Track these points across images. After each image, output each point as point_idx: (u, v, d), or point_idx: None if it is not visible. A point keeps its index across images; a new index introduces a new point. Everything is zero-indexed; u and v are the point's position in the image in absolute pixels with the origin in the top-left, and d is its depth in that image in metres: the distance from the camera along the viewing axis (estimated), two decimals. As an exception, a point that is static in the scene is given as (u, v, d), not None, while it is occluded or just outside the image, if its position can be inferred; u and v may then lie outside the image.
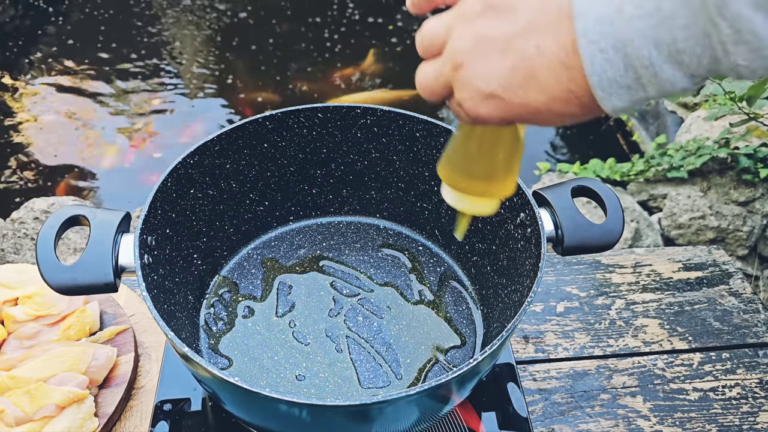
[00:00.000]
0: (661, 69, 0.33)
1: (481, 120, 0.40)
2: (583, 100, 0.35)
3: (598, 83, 0.34)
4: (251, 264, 0.79)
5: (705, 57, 0.31)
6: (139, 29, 2.87)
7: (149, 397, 0.71)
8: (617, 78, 0.33)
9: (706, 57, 0.31)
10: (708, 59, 0.32)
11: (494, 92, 0.37)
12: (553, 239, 0.62)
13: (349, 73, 2.65)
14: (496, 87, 0.37)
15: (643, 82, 0.33)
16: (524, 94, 0.36)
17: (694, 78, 0.33)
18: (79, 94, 2.50)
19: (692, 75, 0.33)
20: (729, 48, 0.30)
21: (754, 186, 1.70)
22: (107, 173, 2.20)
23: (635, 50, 0.32)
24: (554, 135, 2.47)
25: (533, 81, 0.36)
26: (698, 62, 0.32)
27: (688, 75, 0.33)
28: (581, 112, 0.37)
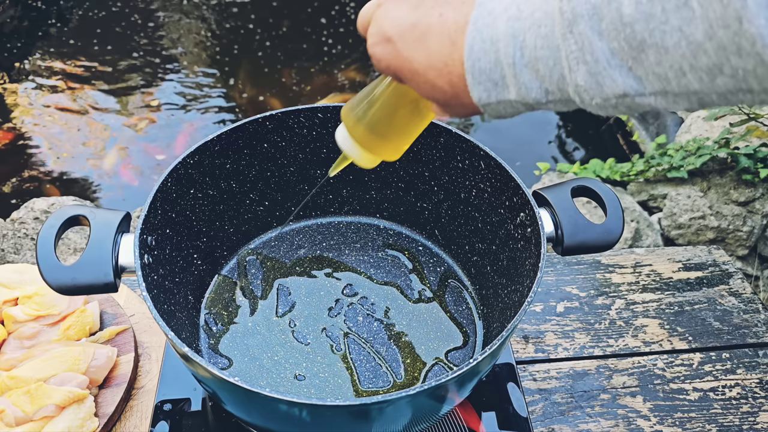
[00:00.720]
0: (521, 72, 0.35)
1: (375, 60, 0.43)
2: (453, 78, 0.38)
3: (471, 69, 0.37)
4: (251, 264, 0.79)
5: (555, 71, 0.34)
6: (139, 29, 2.87)
7: (149, 397, 0.71)
8: (487, 69, 0.36)
9: (556, 71, 0.34)
10: (557, 74, 0.34)
11: (391, 37, 0.41)
12: (553, 239, 0.62)
13: (352, 76, 2.65)
14: (395, 33, 0.40)
15: (506, 81, 0.36)
16: (413, 49, 0.40)
17: (548, 93, 0.35)
18: (79, 94, 2.50)
19: (546, 89, 0.35)
20: (572, 65, 0.32)
21: (754, 186, 1.70)
22: (107, 173, 2.20)
23: (505, 47, 0.35)
24: (555, 135, 2.48)
25: (424, 42, 0.39)
26: (550, 75, 0.34)
27: (542, 87, 0.35)
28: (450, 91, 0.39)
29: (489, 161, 0.68)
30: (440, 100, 0.41)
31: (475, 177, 0.72)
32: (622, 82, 0.31)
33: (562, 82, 0.34)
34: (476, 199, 0.73)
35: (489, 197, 0.71)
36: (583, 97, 0.33)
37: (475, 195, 0.73)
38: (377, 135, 0.50)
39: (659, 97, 0.31)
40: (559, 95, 0.35)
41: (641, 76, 0.31)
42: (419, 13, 0.39)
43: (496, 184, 0.69)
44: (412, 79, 0.41)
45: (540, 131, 2.47)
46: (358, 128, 0.50)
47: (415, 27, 0.39)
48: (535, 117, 2.53)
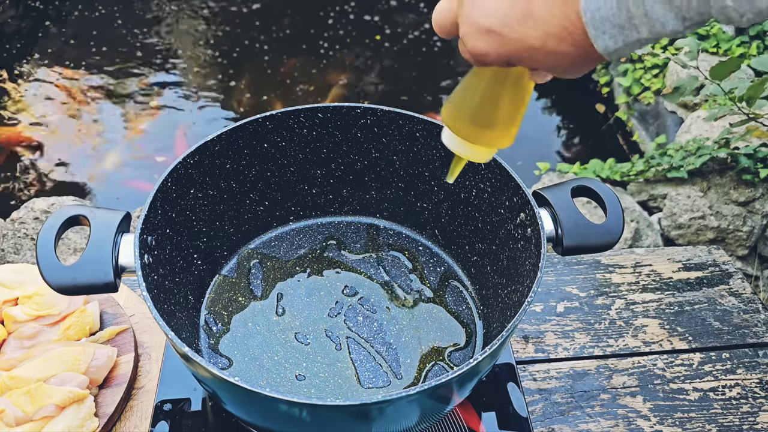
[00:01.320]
0: (652, 9, 0.33)
1: (480, 56, 0.41)
2: (576, 37, 0.36)
3: (591, 20, 0.35)
4: (251, 264, 0.79)
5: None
6: (139, 29, 2.87)
7: (149, 397, 0.71)
8: (610, 16, 0.34)
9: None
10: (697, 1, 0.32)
11: (492, 27, 0.39)
12: (553, 239, 0.62)
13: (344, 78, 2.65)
14: (494, 22, 0.38)
15: (635, 22, 0.34)
16: (521, 29, 0.38)
17: (685, 21, 0.34)
18: (80, 94, 2.50)
19: (683, 17, 0.33)
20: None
21: (754, 186, 1.70)
22: (107, 173, 2.20)
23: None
24: (555, 135, 2.48)
25: (529, 16, 0.37)
26: (688, 3, 0.32)
27: (678, 16, 0.33)
28: (575, 53, 0.37)
29: (489, 161, 0.68)
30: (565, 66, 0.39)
31: (475, 177, 0.72)
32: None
33: (704, 6, 0.32)
34: (476, 199, 0.73)
35: (489, 197, 0.71)
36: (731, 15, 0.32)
37: (475, 195, 0.73)
38: (487, 127, 0.48)
39: None
40: (698, 19, 0.33)
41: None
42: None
43: (496, 184, 0.69)
44: (530, 58, 0.39)
45: (540, 131, 2.47)
46: (465, 127, 0.48)
47: (514, 6, 0.37)
48: (536, 116, 2.53)
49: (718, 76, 1.19)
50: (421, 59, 2.69)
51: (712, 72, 1.19)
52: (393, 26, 2.91)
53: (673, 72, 2.18)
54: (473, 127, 0.48)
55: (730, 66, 1.15)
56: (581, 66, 0.39)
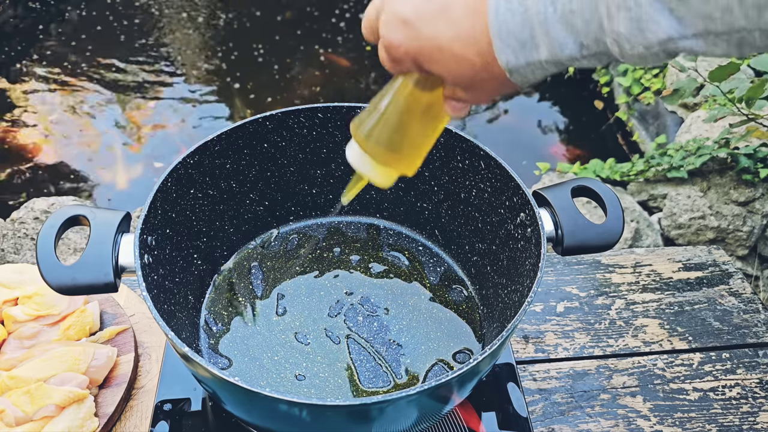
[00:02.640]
0: (554, 28, 0.34)
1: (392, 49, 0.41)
2: (481, 46, 0.37)
3: (497, 32, 0.36)
4: (251, 264, 0.79)
5: (592, 23, 0.33)
6: (140, 29, 2.87)
7: (149, 397, 0.71)
8: (515, 31, 0.35)
9: (593, 23, 0.33)
10: (595, 25, 0.33)
11: (408, 18, 0.39)
12: (553, 239, 0.62)
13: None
14: (410, 13, 0.39)
15: (537, 40, 0.35)
16: (434, 25, 0.38)
17: (582, 48, 0.34)
18: (80, 94, 2.50)
19: (581, 43, 0.34)
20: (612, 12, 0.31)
21: (754, 186, 1.70)
22: (107, 173, 2.20)
23: (535, 4, 0.34)
24: (555, 134, 2.47)
25: (444, 15, 0.38)
26: (586, 27, 0.33)
27: (577, 41, 0.34)
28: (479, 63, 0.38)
29: (489, 161, 0.68)
30: (467, 77, 0.39)
31: (475, 177, 0.72)
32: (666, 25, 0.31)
33: (600, 33, 0.33)
34: (476, 199, 0.73)
35: (489, 197, 0.71)
36: (623, 47, 0.32)
37: (475, 195, 0.73)
38: (390, 148, 0.47)
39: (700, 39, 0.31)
40: (595, 48, 0.34)
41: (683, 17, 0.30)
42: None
43: (496, 184, 0.69)
44: (435, 59, 0.39)
45: (540, 131, 2.47)
46: (369, 142, 0.47)
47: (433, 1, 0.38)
48: (536, 116, 2.53)
49: (717, 78, 1.19)
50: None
51: (711, 75, 1.19)
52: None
53: (672, 72, 2.18)
54: (379, 147, 0.47)
55: (729, 69, 1.15)
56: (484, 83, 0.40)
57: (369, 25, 0.44)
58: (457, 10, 0.37)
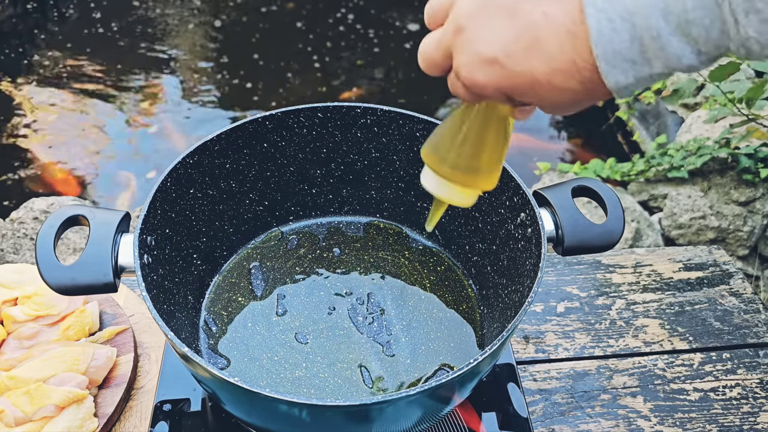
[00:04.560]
0: (669, 42, 0.32)
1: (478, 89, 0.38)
2: (584, 74, 0.34)
3: (602, 54, 0.33)
4: (251, 264, 0.79)
5: (714, 29, 0.31)
6: (140, 30, 2.87)
7: (149, 398, 0.71)
8: (623, 50, 0.33)
9: (715, 29, 0.31)
10: (717, 32, 0.31)
11: (496, 57, 0.36)
12: (554, 239, 0.62)
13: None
14: (498, 51, 0.36)
15: (648, 56, 0.33)
16: (526, 61, 0.35)
17: (701, 55, 0.32)
18: (80, 94, 2.50)
19: (699, 51, 0.32)
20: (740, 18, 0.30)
21: (754, 186, 1.70)
22: (107, 173, 2.20)
23: (643, 20, 0.31)
24: (555, 135, 2.47)
25: (537, 48, 0.35)
26: (707, 35, 0.31)
27: (695, 50, 0.32)
28: (581, 90, 0.35)
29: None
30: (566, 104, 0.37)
31: (476, 177, 0.71)
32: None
33: (723, 40, 0.31)
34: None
35: (489, 197, 0.71)
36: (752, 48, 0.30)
37: (476, 195, 0.73)
38: (471, 169, 0.46)
39: None
40: (715, 53, 0.32)
41: None
42: (518, 21, 0.35)
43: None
44: (531, 93, 0.37)
45: (540, 131, 2.47)
46: (448, 168, 0.46)
47: (521, 36, 0.35)
48: (536, 115, 2.53)
49: (717, 78, 1.19)
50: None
51: (711, 75, 1.19)
52: (390, 31, 2.91)
53: (673, 72, 2.18)
54: (459, 171, 0.46)
55: (729, 69, 1.15)
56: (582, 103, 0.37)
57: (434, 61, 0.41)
58: (550, 41, 0.34)
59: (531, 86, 0.36)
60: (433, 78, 0.44)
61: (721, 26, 0.30)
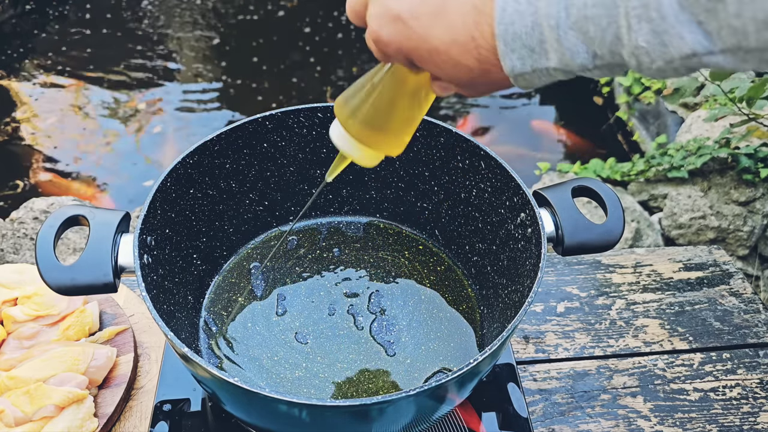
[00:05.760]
0: (566, 35, 0.31)
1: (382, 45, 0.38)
2: (481, 52, 0.34)
3: (502, 34, 0.33)
4: (251, 264, 0.79)
5: (609, 32, 0.30)
6: (141, 30, 2.86)
7: (149, 398, 0.71)
8: (522, 34, 0.32)
9: (610, 32, 0.30)
10: (611, 36, 0.30)
11: (401, 15, 0.36)
12: (554, 239, 0.62)
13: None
14: (404, 10, 0.36)
15: (546, 46, 0.32)
16: (429, 26, 0.35)
17: (596, 58, 0.32)
18: (80, 94, 2.50)
19: (594, 52, 0.32)
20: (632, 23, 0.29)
21: (754, 186, 1.70)
22: (107, 173, 2.20)
23: (546, 7, 0.31)
24: (555, 135, 2.47)
25: (442, 15, 0.35)
26: (602, 36, 0.31)
27: (590, 51, 0.32)
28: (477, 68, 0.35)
29: (489, 161, 0.68)
30: (463, 80, 0.37)
31: (475, 177, 0.71)
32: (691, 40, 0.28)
33: (617, 45, 0.30)
34: (476, 199, 0.73)
35: (489, 197, 0.71)
36: (642, 60, 0.30)
37: (475, 195, 0.73)
38: (376, 128, 0.46)
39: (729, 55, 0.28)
40: (609, 59, 0.31)
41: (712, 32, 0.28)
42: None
43: (496, 184, 0.69)
44: (429, 60, 0.36)
45: (540, 130, 2.47)
46: (354, 122, 0.46)
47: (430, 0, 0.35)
48: (536, 115, 2.53)
49: (717, 78, 1.19)
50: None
51: (711, 74, 1.19)
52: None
53: (673, 72, 2.18)
54: (365, 127, 0.46)
55: (729, 67, 1.15)
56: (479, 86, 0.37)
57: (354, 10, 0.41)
58: (455, 11, 0.34)
59: (429, 53, 0.36)
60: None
61: (616, 30, 0.30)
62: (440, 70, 0.37)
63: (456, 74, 0.37)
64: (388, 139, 0.47)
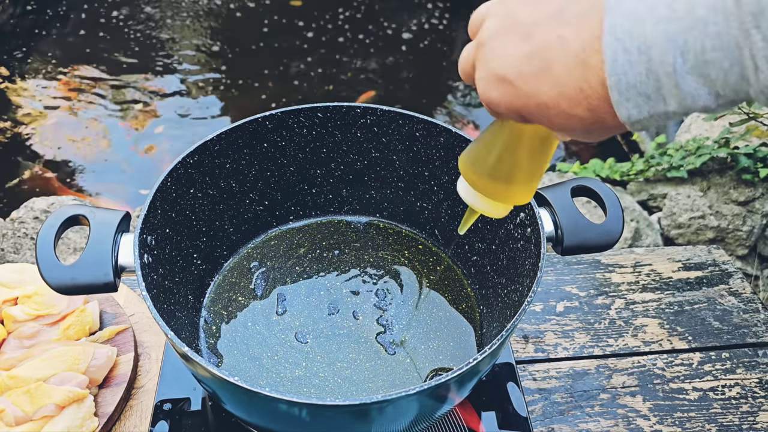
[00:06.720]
0: (684, 80, 0.31)
1: (491, 105, 0.39)
2: (592, 102, 0.34)
3: (615, 85, 0.32)
4: (251, 264, 0.79)
5: (732, 73, 0.29)
6: (141, 30, 2.86)
7: (149, 397, 0.71)
8: (637, 83, 0.32)
9: (733, 74, 0.29)
10: (735, 77, 0.29)
11: (506, 76, 0.36)
12: (553, 239, 0.62)
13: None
14: (509, 71, 0.36)
15: (663, 92, 0.32)
16: (535, 84, 0.35)
17: (720, 98, 0.31)
18: (80, 94, 2.50)
19: (717, 93, 0.31)
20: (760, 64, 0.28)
21: (753, 186, 1.70)
22: (107, 173, 2.20)
23: (660, 54, 0.30)
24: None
25: (547, 72, 0.35)
26: (725, 78, 0.30)
27: (712, 92, 0.31)
28: (589, 118, 0.35)
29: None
30: (577, 130, 0.37)
31: (475, 177, 0.71)
32: None
33: (742, 84, 0.30)
34: (476, 198, 0.73)
35: (489, 197, 0.71)
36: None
37: (475, 195, 0.73)
38: (502, 182, 0.46)
39: None
40: (733, 97, 0.31)
41: None
42: (532, 42, 0.35)
43: (495, 184, 0.69)
44: (541, 115, 0.37)
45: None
46: (483, 180, 0.46)
47: (533, 58, 0.35)
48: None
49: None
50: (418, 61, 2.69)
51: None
52: (392, 28, 2.91)
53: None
54: (491, 182, 0.46)
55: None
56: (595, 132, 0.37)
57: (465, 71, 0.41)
58: (560, 66, 0.34)
59: (539, 109, 0.36)
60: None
61: (740, 71, 0.29)
62: (552, 123, 0.37)
63: (569, 125, 0.37)
64: (516, 189, 0.47)
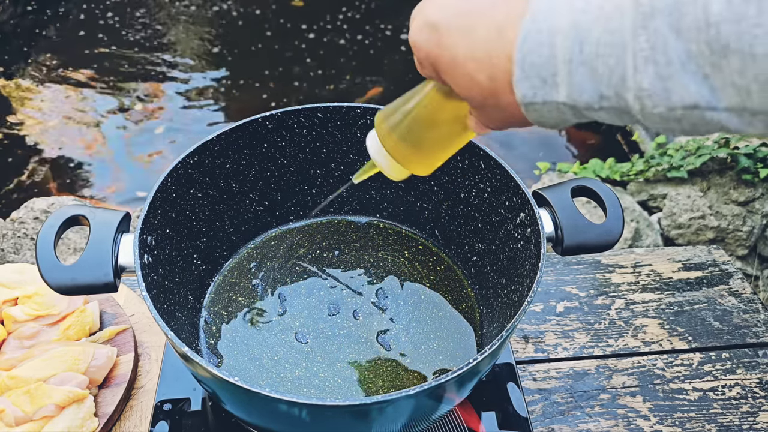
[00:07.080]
0: (576, 70, 0.32)
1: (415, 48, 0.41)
2: (496, 72, 0.36)
3: (520, 61, 0.34)
4: (251, 264, 0.79)
5: (617, 71, 0.31)
6: (141, 31, 2.86)
7: (149, 397, 0.71)
8: (538, 64, 0.33)
9: (617, 71, 0.31)
10: (618, 75, 0.31)
11: (436, 24, 0.39)
12: (553, 239, 0.62)
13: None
14: (440, 19, 0.38)
15: (557, 79, 0.33)
16: (457, 38, 0.37)
17: (602, 99, 0.32)
18: (81, 93, 2.50)
19: (601, 93, 0.32)
20: (639, 64, 0.29)
21: (753, 186, 1.70)
22: (108, 173, 2.20)
23: (563, 41, 0.32)
24: (555, 134, 2.47)
25: (470, 32, 0.37)
26: (609, 75, 0.31)
27: (597, 90, 0.32)
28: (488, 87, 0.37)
29: (489, 161, 0.68)
30: (476, 98, 0.38)
31: (475, 177, 0.72)
32: (695, 91, 0.28)
33: (622, 86, 0.31)
34: (476, 199, 0.73)
35: (489, 197, 0.71)
36: (645, 103, 0.30)
37: (475, 195, 0.73)
38: (410, 146, 0.48)
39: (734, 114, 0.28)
40: (615, 101, 0.32)
41: (717, 87, 0.27)
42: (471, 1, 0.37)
43: (495, 184, 0.69)
44: (449, 71, 0.39)
45: (540, 130, 2.47)
46: (391, 137, 0.48)
47: (463, 14, 0.37)
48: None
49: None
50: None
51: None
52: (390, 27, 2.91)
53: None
54: (399, 142, 0.48)
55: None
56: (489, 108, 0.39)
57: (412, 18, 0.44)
58: (482, 28, 0.36)
59: (449, 64, 0.38)
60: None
61: (622, 71, 0.30)
62: (456, 82, 0.39)
63: (469, 89, 0.38)
64: (418, 158, 0.49)
